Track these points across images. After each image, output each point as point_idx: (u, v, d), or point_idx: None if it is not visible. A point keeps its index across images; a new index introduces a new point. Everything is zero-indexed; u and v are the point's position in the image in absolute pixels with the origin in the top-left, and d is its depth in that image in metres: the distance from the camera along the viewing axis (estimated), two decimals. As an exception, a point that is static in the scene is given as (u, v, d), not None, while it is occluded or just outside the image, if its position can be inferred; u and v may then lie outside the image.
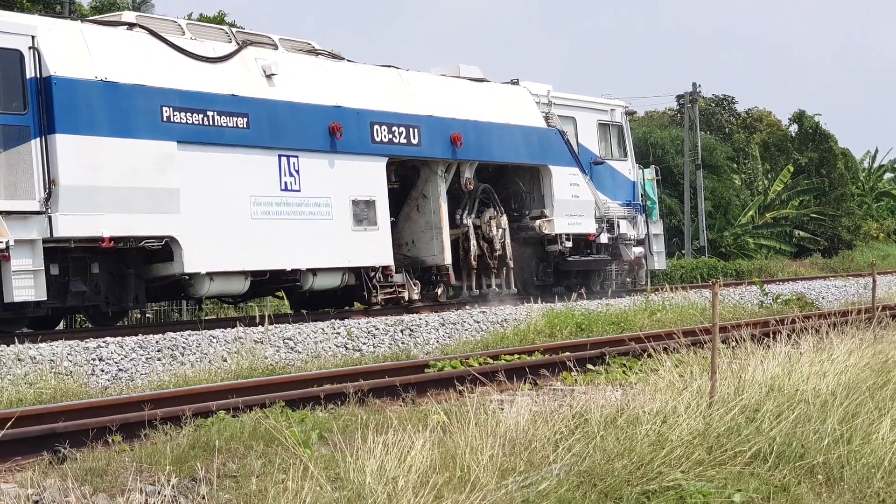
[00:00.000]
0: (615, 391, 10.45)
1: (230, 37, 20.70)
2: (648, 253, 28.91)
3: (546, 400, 9.48)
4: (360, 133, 21.70)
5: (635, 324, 19.09)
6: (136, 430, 9.85)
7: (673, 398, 8.67)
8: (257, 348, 16.12)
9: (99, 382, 14.32)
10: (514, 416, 8.13)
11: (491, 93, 25.44)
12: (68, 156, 17.18)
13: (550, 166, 25.71)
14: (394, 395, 11.98)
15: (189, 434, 9.57)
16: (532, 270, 26.31)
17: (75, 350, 14.97)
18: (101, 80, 17.82)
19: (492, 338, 18.44)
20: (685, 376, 9.71)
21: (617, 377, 12.72)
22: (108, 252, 18.12)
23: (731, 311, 21.63)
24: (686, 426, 8.08)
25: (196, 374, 14.62)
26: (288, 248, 20.22)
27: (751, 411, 8.71)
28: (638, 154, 57.71)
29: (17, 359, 14.19)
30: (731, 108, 71.20)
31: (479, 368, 13.06)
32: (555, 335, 18.03)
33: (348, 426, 9.34)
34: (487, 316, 20.43)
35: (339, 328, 18.14)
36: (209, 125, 19.15)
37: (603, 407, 8.48)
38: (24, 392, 12.84)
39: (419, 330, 18.94)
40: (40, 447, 9.31)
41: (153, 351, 15.65)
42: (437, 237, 23.58)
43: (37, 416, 10.29)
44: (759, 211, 60.77)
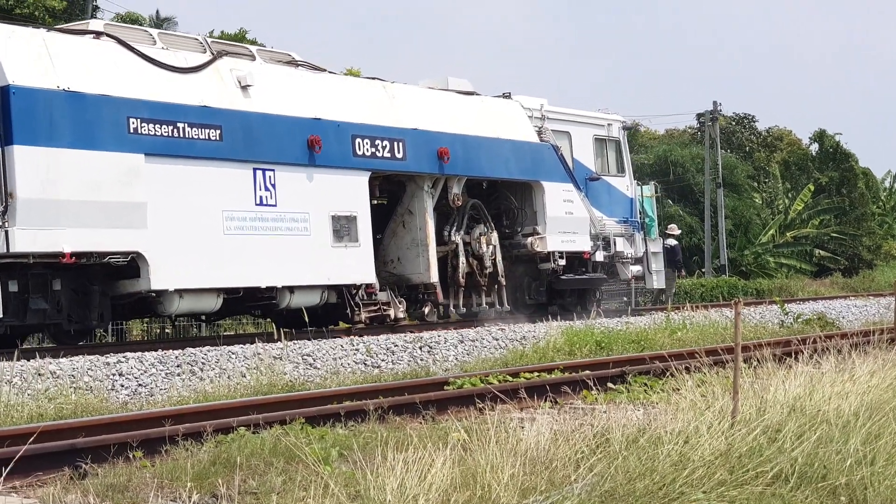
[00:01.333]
0: (636, 410, 10.41)
1: (205, 47, 20.08)
2: (647, 271, 28.18)
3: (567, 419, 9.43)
4: (340, 146, 21.03)
5: (656, 342, 18.99)
6: (156, 445, 9.89)
7: (695, 418, 8.63)
8: (276, 364, 16.12)
9: (119, 397, 14.35)
10: (535, 435, 8.10)
11: (481, 106, 24.74)
12: (27, 168, 16.53)
13: (543, 182, 24.96)
14: (413, 412, 11.98)
15: (210, 450, 9.59)
16: (524, 289, 25.63)
17: (95, 365, 14.98)
18: (64, 90, 17.17)
19: (511, 355, 18.40)
20: (707, 396, 9.69)
21: (638, 396, 12.70)
22: (71, 268, 17.50)
23: (752, 331, 21.55)
24: (708, 446, 8.04)
25: (215, 390, 14.64)
26: (263, 265, 19.53)
27: (773, 431, 8.68)
28: (658, 172, 58.25)
29: (38, 374, 14.21)
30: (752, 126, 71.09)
31: (499, 386, 13.03)
32: (574, 353, 17.97)
33: (368, 443, 9.36)
34: (506, 333, 20.39)
35: (357, 345, 18.14)
36: (179, 137, 18.48)
37: (624, 426, 8.44)
38: (45, 407, 12.87)
39: (438, 347, 18.90)
40: (61, 463, 9.36)
41: (173, 366, 15.67)
42: (423, 254, 22.90)
43: (58, 432, 10.30)
44: (779, 230, 60.55)
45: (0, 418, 12.34)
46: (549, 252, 25.03)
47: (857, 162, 63.38)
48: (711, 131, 56.63)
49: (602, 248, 26.62)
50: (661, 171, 58.19)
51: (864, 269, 57.13)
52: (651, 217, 28.56)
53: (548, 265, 25.25)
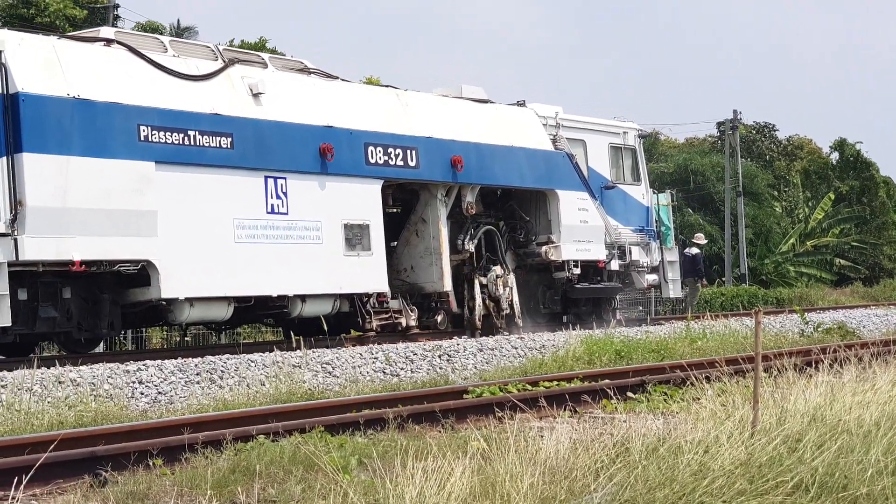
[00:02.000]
0: (656, 420, 10.38)
1: (216, 54, 20.00)
2: (663, 280, 27.96)
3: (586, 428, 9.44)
4: (353, 154, 20.90)
5: (676, 352, 18.94)
6: (176, 453, 9.91)
7: (715, 427, 8.59)
8: (295, 373, 16.13)
9: (139, 405, 14.38)
10: (555, 444, 8.08)
11: (495, 114, 24.60)
12: (36, 176, 16.46)
13: (557, 190, 24.80)
14: (433, 420, 11.97)
15: (229, 458, 9.61)
16: (539, 298, 25.47)
17: (115, 373, 15.02)
18: (74, 98, 17.09)
19: (530, 364, 18.37)
20: (727, 405, 9.67)
21: (658, 406, 12.65)
22: (81, 276, 17.37)
23: (773, 340, 21.50)
24: (728, 456, 8.01)
25: (235, 398, 14.66)
26: (274, 274, 19.41)
27: (793, 441, 8.63)
28: (678, 180, 58.16)
29: (58, 381, 14.24)
30: (772, 135, 70.94)
31: (519, 395, 13.04)
32: (594, 362, 17.94)
33: (387, 452, 9.35)
34: (525, 342, 20.36)
35: (376, 353, 18.14)
36: (190, 145, 18.38)
37: (644, 436, 8.41)
38: (65, 415, 12.90)
39: (457, 356, 18.90)
40: (81, 470, 9.40)
41: (192, 374, 15.70)
42: (436, 263, 22.76)
43: (78, 440, 10.35)
44: (799, 239, 60.39)
45: (20, 426, 12.39)
46: (564, 261, 24.88)
47: (877, 171, 63.20)
48: (732, 140, 56.49)
49: (617, 257, 26.46)
50: (682, 180, 58.09)
51: (884, 278, 56.92)
52: (667, 226, 28.40)
53: (562, 274, 25.10)
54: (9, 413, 12.97)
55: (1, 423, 12.61)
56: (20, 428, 12.28)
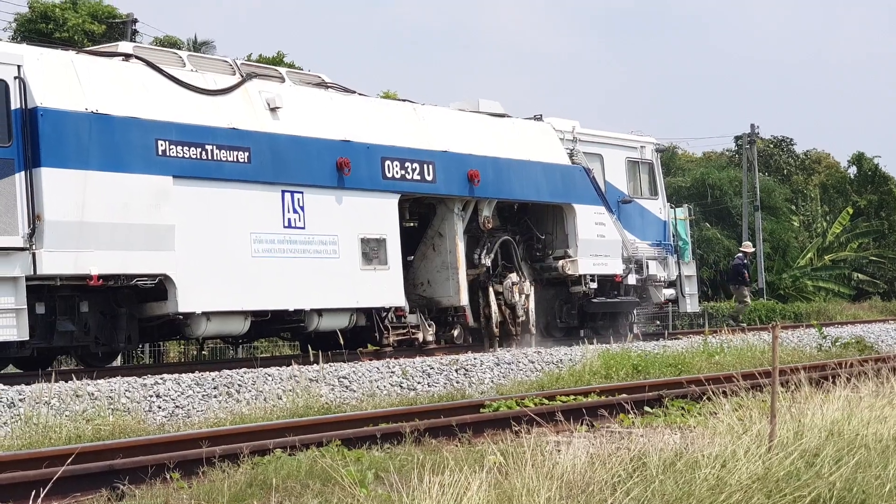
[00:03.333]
0: (673, 434, 10.35)
1: (234, 69, 20.06)
2: (680, 295, 27.91)
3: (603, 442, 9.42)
4: (370, 168, 20.92)
5: (693, 366, 18.91)
6: (194, 467, 9.91)
7: (732, 442, 8.59)
8: (312, 387, 16.13)
9: (156, 419, 14.41)
10: (572, 458, 8.07)
11: (512, 128, 24.60)
12: (54, 190, 16.51)
13: (574, 205, 24.79)
14: (450, 434, 11.96)
15: (246, 472, 9.63)
16: (555, 312, 25.45)
17: (133, 387, 15.05)
18: (92, 112, 17.15)
19: (547, 378, 18.35)
20: (744, 420, 9.65)
21: (675, 420, 12.62)
22: (98, 290, 17.43)
23: (790, 355, 21.42)
24: (745, 470, 7.99)
25: (252, 412, 14.66)
26: (291, 288, 19.43)
27: (810, 456, 8.62)
28: (696, 194, 58.10)
29: (76, 395, 14.27)
30: (790, 149, 70.80)
31: (536, 409, 13.01)
32: (611, 376, 17.91)
33: (404, 466, 9.36)
34: (542, 356, 20.33)
35: (393, 367, 18.14)
36: (207, 159, 18.42)
37: (661, 450, 8.40)
38: (83, 429, 12.92)
39: (474, 370, 18.88)
40: (99, 484, 9.42)
41: (209, 388, 15.72)
42: (452, 277, 22.73)
43: (96, 453, 10.36)
44: (817, 253, 60.24)
45: (38, 439, 12.42)
46: (581, 275, 24.85)
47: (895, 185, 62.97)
48: (749, 154, 56.44)
49: (634, 271, 26.37)
50: (699, 194, 58.01)
51: (903, 292, 56.73)
52: (685, 240, 28.33)
53: (579, 288, 25.07)
54: (27, 426, 13.01)
55: (19, 436, 12.67)
56: (38, 441, 12.32)
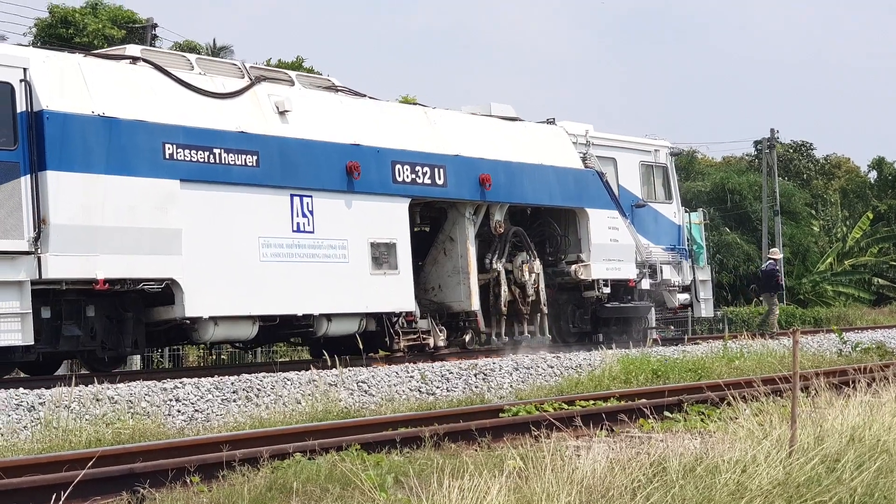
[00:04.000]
0: (693, 439, 10.32)
1: (243, 72, 19.94)
2: (695, 300, 27.65)
3: (623, 447, 9.40)
4: (380, 172, 20.77)
5: (713, 371, 18.89)
6: (214, 471, 9.94)
7: (752, 447, 8.56)
8: (331, 391, 16.16)
9: (175, 423, 14.45)
10: (591, 463, 8.06)
11: (524, 132, 24.41)
12: (60, 194, 16.39)
13: (587, 209, 24.62)
14: (469, 439, 11.98)
15: (266, 476, 9.64)
16: (568, 317, 25.24)
17: (153, 391, 15.08)
18: (99, 116, 17.03)
19: (566, 383, 18.34)
20: (764, 425, 9.62)
21: (695, 425, 12.60)
22: (104, 295, 17.26)
23: (810, 360, 21.39)
24: (766, 475, 7.98)
25: (271, 416, 14.71)
26: (300, 292, 19.28)
27: (831, 461, 8.60)
28: (715, 199, 57.99)
29: (96, 399, 14.31)
30: (810, 154, 70.59)
31: (555, 414, 13.03)
32: (630, 381, 17.91)
33: (424, 470, 9.38)
34: (561, 361, 20.31)
35: (412, 372, 18.14)
36: (215, 163, 18.30)
37: (681, 455, 8.39)
38: (103, 432, 12.97)
39: (492, 374, 18.87)
40: (120, 487, 9.45)
41: (229, 392, 15.74)
42: (464, 282, 22.57)
43: (116, 457, 10.40)
44: (837, 258, 60.03)
45: (59, 443, 12.47)
46: (594, 280, 24.69)
47: (916, 189, 62.73)
48: (769, 159, 56.30)
49: (648, 276, 26.15)
50: (719, 199, 57.88)
51: (923, 297, 56.52)
52: (700, 244, 28.07)
53: (592, 293, 24.88)
54: (47, 430, 13.06)
55: (39, 440, 12.71)
56: (58, 445, 12.36)
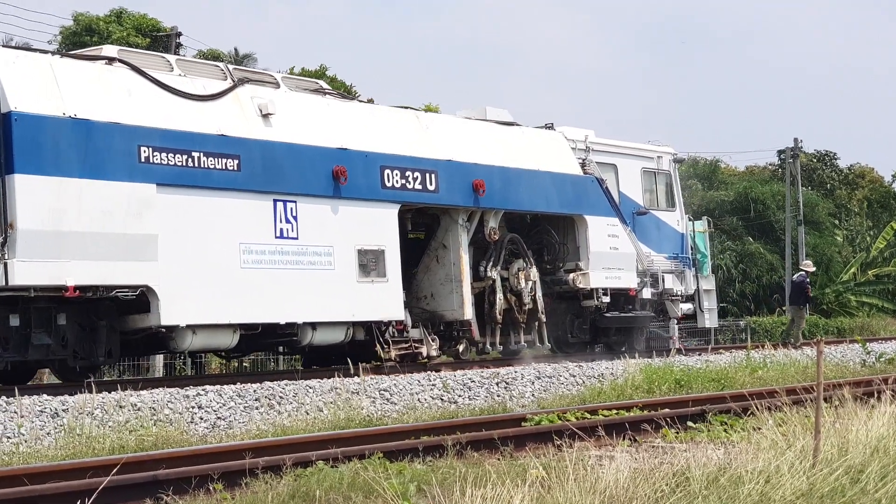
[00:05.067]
0: (717, 449, 10.31)
1: (226, 74, 19.39)
2: (699, 310, 27.04)
3: (646, 457, 9.40)
4: (368, 177, 20.20)
5: (736, 381, 18.85)
6: (236, 478, 9.97)
7: (776, 457, 8.55)
8: (353, 399, 16.17)
9: (198, 430, 14.49)
10: (614, 473, 8.05)
11: (521, 137, 23.80)
12: (28, 198, 15.84)
13: (586, 216, 24.01)
14: (491, 448, 11.97)
15: (289, 483, 9.67)
16: (567, 327, 24.61)
17: (175, 398, 15.12)
18: (71, 118, 16.48)
19: (588, 392, 18.33)
20: (788, 435, 9.60)
21: (718, 435, 12.58)
22: (76, 302, 16.75)
23: (834, 370, 21.35)
24: (789, 486, 7.96)
25: (293, 424, 14.73)
26: (283, 300, 18.74)
27: (855, 472, 8.57)
28: (738, 209, 57.84)
29: (119, 406, 14.37)
30: (833, 163, 70.33)
31: (577, 423, 13.01)
32: (653, 391, 17.88)
33: (446, 479, 9.37)
34: (584, 370, 20.29)
35: (434, 380, 18.14)
36: (194, 167, 17.73)
37: (704, 465, 8.37)
38: (126, 439, 13.02)
39: (515, 383, 18.86)
40: (143, 494, 9.51)
41: (251, 399, 15.78)
42: (457, 290, 21.99)
43: (140, 463, 10.45)
44: (861, 268, 59.76)
45: (82, 450, 12.51)
46: (593, 289, 24.10)
47: (940, 200, 62.47)
48: (792, 168, 56.14)
49: (650, 285, 25.58)
50: (742, 208, 57.73)
51: (948, 308, 56.25)
52: (703, 253, 27.54)
53: (591, 302, 24.29)
54: (70, 437, 13.10)
55: (63, 446, 12.75)
56: (82, 452, 12.40)
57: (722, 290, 51.62)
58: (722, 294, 51.26)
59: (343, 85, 43.13)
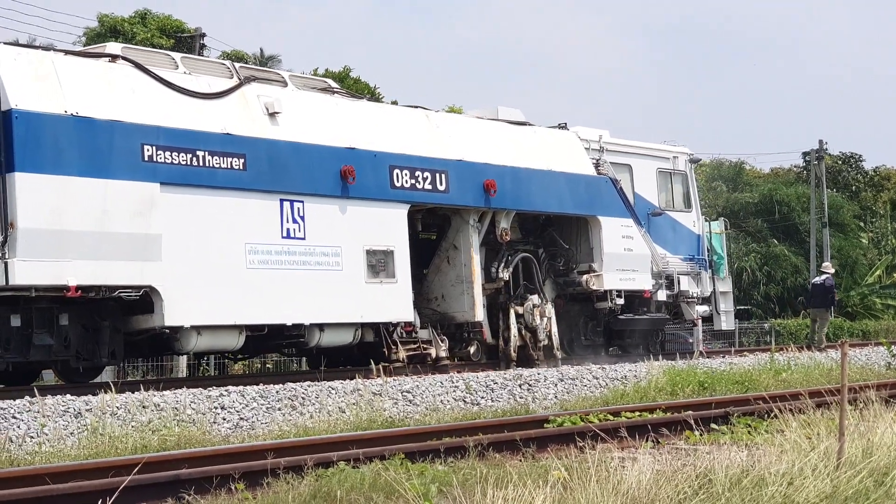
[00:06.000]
0: (740, 451, 10.26)
1: (232, 72, 19.16)
2: (715, 312, 26.76)
3: (668, 459, 9.35)
4: (377, 177, 19.96)
5: (760, 383, 18.77)
6: (258, 478, 10.00)
7: (799, 459, 8.50)
8: (376, 400, 16.17)
9: (220, 430, 14.51)
10: (637, 475, 8.02)
11: (533, 137, 23.51)
12: (29, 196, 15.65)
13: (600, 217, 23.71)
14: (513, 449, 11.94)
15: (310, 484, 9.67)
16: (580, 329, 24.37)
17: (198, 398, 15.14)
18: (72, 115, 16.27)
19: (611, 394, 18.30)
20: (812, 437, 9.55)
21: (742, 437, 12.53)
22: (79, 302, 16.54)
23: (858, 373, 21.24)
24: (813, 488, 7.92)
25: (315, 425, 14.74)
26: (290, 301, 18.49)
27: (879, 474, 8.53)
28: (763, 211, 57.61)
29: (142, 406, 14.40)
30: (858, 165, 69.99)
31: (600, 425, 12.99)
32: (676, 393, 17.83)
33: (468, 480, 9.36)
34: (606, 372, 20.25)
35: (457, 382, 18.12)
36: (199, 166, 17.51)
37: (728, 467, 8.33)
38: (149, 439, 13.06)
39: (537, 385, 18.82)
40: (165, 494, 9.55)
41: (273, 400, 15.78)
42: (468, 291, 21.76)
43: (162, 463, 10.48)
44: (886, 271, 59.49)
45: (105, 449, 12.54)
46: (606, 290, 23.81)
47: (966, 202, 62.11)
48: (817, 170, 55.93)
49: (665, 287, 25.31)
50: (767, 210, 57.53)
51: (974, 310, 55.92)
52: (720, 254, 27.25)
53: (605, 304, 24.02)
54: (93, 437, 13.14)
55: (85, 446, 12.78)
56: (104, 451, 12.44)
57: (746, 292, 51.53)
58: (746, 296, 51.15)
59: (366, 86, 43.11)
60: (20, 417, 13.49)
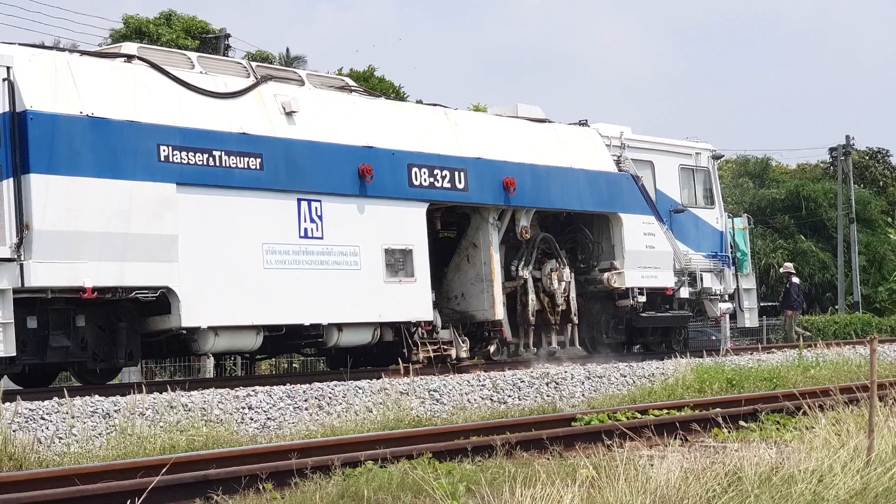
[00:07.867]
0: (769, 449, 10.21)
1: (248, 71, 19.06)
2: (738, 309, 26.50)
3: (697, 456, 9.31)
4: (395, 176, 19.82)
5: (789, 380, 18.74)
6: (286, 478, 10.02)
7: (829, 456, 8.47)
8: (403, 400, 16.16)
9: (248, 430, 14.55)
10: (665, 473, 7.98)
11: (553, 134, 23.33)
12: (44, 198, 15.57)
13: (621, 214, 23.55)
14: (541, 448, 11.93)
15: (338, 483, 9.68)
16: (602, 327, 24.17)
17: (226, 399, 15.19)
18: (88, 116, 16.19)
19: (639, 392, 18.25)
20: (841, 434, 9.50)
21: (770, 434, 12.48)
22: (95, 304, 16.46)
23: (887, 369, 21.14)
24: (843, 485, 7.88)
25: (342, 425, 14.75)
26: (308, 301, 18.38)
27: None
28: (790, 207, 57.36)
29: (170, 406, 14.44)
30: (886, 160, 69.60)
31: (628, 423, 12.96)
32: (704, 391, 17.76)
33: (496, 479, 9.35)
34: (634, 370, 20.21)
35: (484, 380, 18.11)
36: (215, 166, 17.42)
37: (757, 465, 8.29)
38: (177, 439, 13.08)
39: (564, 383, 18.80)
40: (193, 494, 9.58)
41: (300, 400, 15.81)
42: (487, 290, 21.59)
43: (190, 463, 10.50)
44: (915, 266, 59.25)
45: (133, 449, 12.58)
46: (628, 288, 23.65)
47: None
48: (844, 166, 55.64)
49: (688, 284, 25.14)
50: (794, 206, 57.29)
51: None
52: (743, 251, 27.03)
53: (626, 302, 23.85)
54: (122, 437, 13.17)
55: (114, 446, 12.83)
56: (133, 452, 12.48)
57: (774, 289, 51.26)
58: (774, 293, 50.89)
59: (392, 86, 43.13)
60: (49, 419, 13.55)
